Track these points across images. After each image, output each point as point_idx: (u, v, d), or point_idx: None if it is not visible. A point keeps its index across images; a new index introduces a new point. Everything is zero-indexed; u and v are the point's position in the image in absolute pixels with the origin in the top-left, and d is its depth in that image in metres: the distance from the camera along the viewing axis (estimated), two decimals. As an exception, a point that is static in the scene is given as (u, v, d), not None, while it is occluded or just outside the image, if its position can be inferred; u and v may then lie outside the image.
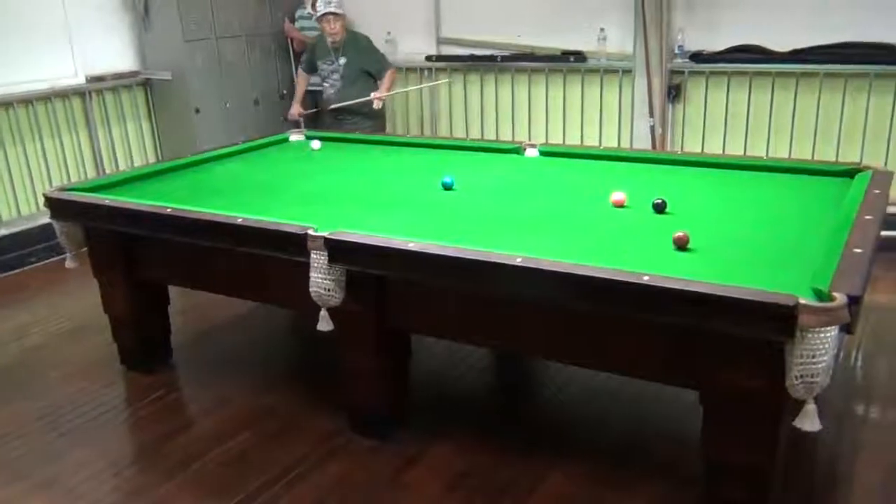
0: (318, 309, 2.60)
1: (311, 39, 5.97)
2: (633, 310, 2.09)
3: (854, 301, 1.85)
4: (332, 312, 2.60)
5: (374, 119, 5.39)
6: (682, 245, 2.37)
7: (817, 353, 1.82)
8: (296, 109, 5.63)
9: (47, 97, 5.43)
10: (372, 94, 5.31)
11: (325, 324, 2.61)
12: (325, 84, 5.46)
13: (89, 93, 5.70)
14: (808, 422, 1.93)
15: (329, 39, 5.27)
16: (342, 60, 5.32)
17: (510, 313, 2.44)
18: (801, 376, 1.85)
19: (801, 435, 2.00)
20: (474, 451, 2.76)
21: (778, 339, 1.88)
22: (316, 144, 4.13)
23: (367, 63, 5.40)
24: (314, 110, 5.73)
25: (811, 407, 1.92)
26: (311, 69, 5.55)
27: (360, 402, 2.86)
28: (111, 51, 5.86)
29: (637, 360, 2.29)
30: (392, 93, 5.69)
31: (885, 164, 4.58)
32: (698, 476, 2.31)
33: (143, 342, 3.43)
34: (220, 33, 5.90)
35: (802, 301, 1.82)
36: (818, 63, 4.80)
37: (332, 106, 5.36)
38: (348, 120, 5.34)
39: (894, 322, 3.77)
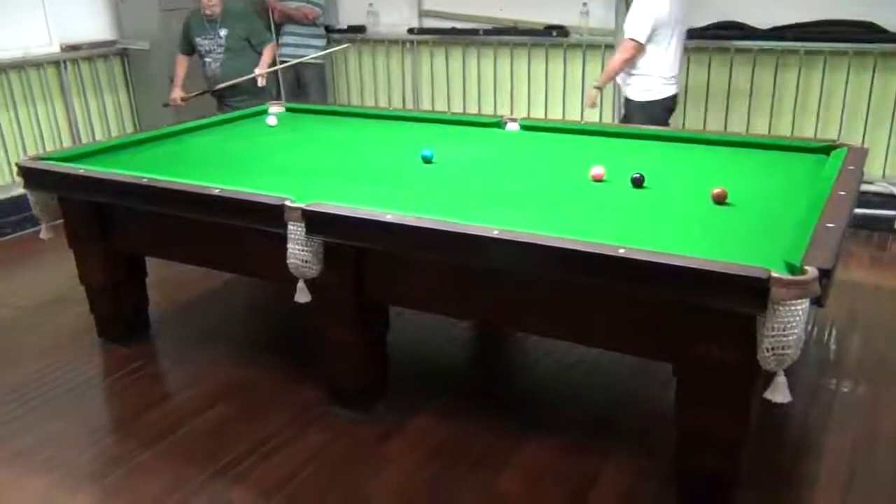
0: (296, 280, 2.59)
1: (293, 11, 5.89)
2: (609, 282, 2.10)
3: (825, 274, 1.87)
4: (311, 284, 2.60)
5: (262, 97, 4.92)
6: (720, 200, 2.56)
7: (788, 325, 1.84)
8: (177, 94, 5.15)
9: (21, 65, 5.34)
10: (256, 71, 5.02)
11: (302, 295, 2.61)
12: (207, 60, 5.07)
13: (64, 62, 5.61)
14: (779, 394, 1.96)
15: (207, 11, 4.93)
16: (223, 32, 4.99)
17: (488, 286, 2.45)
18: (773, 348, 1.87)
19: (772, 406, 2.03)
20: (452, 423, 2.78)
21: (750, 311, 1.91)
22: (272, 120, 4.02)
23: (252, 32, 5.11)
24: (200, 92, 5.18)
25: (782, 379, 1.95)
26: (190, 49, 5.15)
27: (338, 374, 2.87)
28: (87, 19, 5.77)
29: (612, 333, 2.31)
30: (280, 67, 5.33)
31: (863, 141, 4.62)
32: (671, 446, 2.35)
33: (120, 314, 3.41)
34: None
35: (775, 274, 1.84)
36: (798, 40, 4.81)
37: (218, 86, 5.03)
38: (234, 101, 4.98)
39: (868, 298, 3.82)
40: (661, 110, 4.40)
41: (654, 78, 4.33)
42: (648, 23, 4.20)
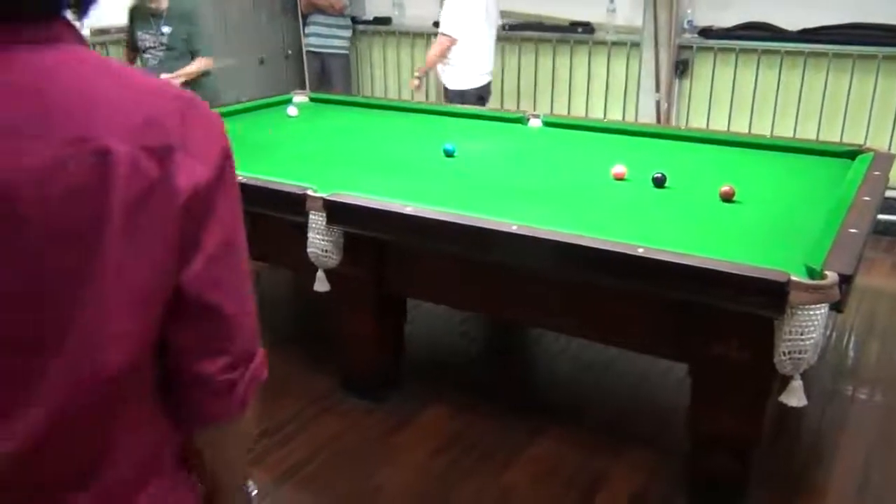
0: (316, 269, 2.61)
1: (321, 0, 5.90)
2: (627, 281, 2.10)
3: (845, 280, 1.86)
4: (330, 274, 2.62)
5: None
6: (728, 197, 2.58)
7: (806, 330, 1.83)
8: None
9: (51, 49, 5.40)
10: (164, 75, 4.20)
11: (321, 284, 2.63)
12: (146, 56, 4.61)
13: (93, 45, 5.67)
14: (794, 398, 1.96)
15: (152, 5, 4.46)
16: (166, 29, 4.52)
17: (506, 281, 2.46)
18: (790, 352, 1.87)
19: (787, 410, 2.03)
20: (465, 417, 2.80)
21: (769, 314, 1.90)
22: (292, 111, 3.99)
23: (191, 35, 4.55)
24: None
25: (797, 383, 1.94)
26: (134, 43, 4.70)
27: (354, 364, 2.89)
28: (115, 4, 5.80)
29: (629, 332, 2.32)
30: (185, 71, 4.47)
31: (890, 146, 4.57)
32: (683, 447, 2.35)
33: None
34: (225, -10, 5.84)
35: (794, 278, 1.83)
36: (827, 43, 4.76)
37: None
38: None
39: (888, 306, 3.79)
40: (475, 99, 4.83)
41: (468, 69, 4.78)
42: (461, 19, 4.63)
